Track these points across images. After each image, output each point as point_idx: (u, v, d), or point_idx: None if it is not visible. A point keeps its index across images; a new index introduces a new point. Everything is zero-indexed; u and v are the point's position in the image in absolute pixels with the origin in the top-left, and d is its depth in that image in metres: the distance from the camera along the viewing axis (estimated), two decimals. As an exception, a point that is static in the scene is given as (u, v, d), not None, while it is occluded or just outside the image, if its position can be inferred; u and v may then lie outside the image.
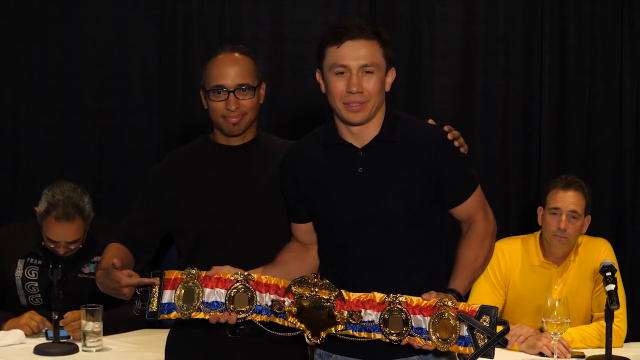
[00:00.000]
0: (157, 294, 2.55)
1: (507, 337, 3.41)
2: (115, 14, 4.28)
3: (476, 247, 2.62)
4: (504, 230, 4.14)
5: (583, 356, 3.43)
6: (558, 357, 3.36)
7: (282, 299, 2.52)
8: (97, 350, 3.42)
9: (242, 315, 2.52)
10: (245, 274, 2.54)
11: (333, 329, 2.50)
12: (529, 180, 4.36)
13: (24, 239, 3.78)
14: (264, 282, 2.54)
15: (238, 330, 2.67)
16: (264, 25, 4.28)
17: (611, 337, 3.34)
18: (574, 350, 3.45)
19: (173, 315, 2.55)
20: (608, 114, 4.35)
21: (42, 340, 3.50)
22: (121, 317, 3.64)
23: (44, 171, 4.23)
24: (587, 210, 3.75)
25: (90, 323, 3.42)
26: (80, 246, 3.72)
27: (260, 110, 2.85)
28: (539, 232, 3.79)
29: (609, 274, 3.39)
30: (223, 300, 2.52)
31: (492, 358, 2.42)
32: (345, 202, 2.56)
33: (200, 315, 2.54)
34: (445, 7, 4.29)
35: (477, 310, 2.42)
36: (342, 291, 2.50)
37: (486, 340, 2.40)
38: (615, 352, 3.38)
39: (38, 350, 3.39)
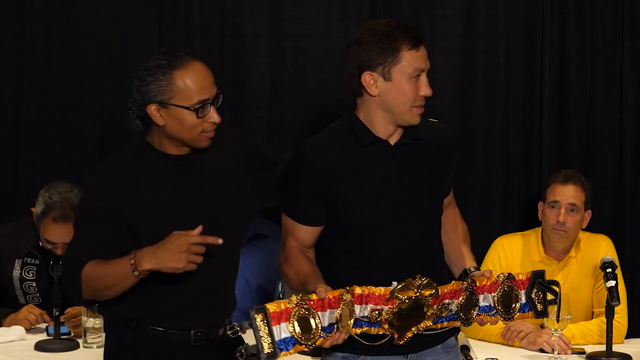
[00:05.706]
0: (266, 332, 2.24)
1: (507, 334, 3.49)
2: (115, 10, 4.26)
3: (461, 227, 2.83)
4: (505, 225, 4.14)
5: (584, 352, 3.43)
6: (559, 354, 3.37)
7: (378, 307, 2.42)
8: (98, 347, 3.41)
9: (346, 331, 2.36)
10: (347, 291, 2.38)
11: (421, 326, 2.51)
12: (529, 176, 4.34)
13: (21, 239, 3.77)
14: (360, 293, 2.40)
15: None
16: (265, 21, 4.26)
17: (612, 333, 3.35)
18: (574, 346, 3.45)
19: (293, 349, 2.29)
20: (609, 109, 4.33)
21: (42, 336, 3.50)
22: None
23: (44, 167, 4.22)
24: (587, 205, 3.75)
25: (91, 319, 3.42)
26: (79, 245, 3.71)
27: (261, 106, 2.82)
28: (540, 228, 3.79)
29: (609, 270, 3.39)
30: (334, 322, 2.35)
31: (548, 317, 2.79)
32: (381, 199, 2.60)
33: (320, 342, 2.33)
34: (446, 3, 4.28)
35: (530, 276, 2.67)
36: (438, 287, 2.51)
37: (542, 302, 2.69)
38: (615, 348, 3.38)
39: (39, 346, 3.40)
